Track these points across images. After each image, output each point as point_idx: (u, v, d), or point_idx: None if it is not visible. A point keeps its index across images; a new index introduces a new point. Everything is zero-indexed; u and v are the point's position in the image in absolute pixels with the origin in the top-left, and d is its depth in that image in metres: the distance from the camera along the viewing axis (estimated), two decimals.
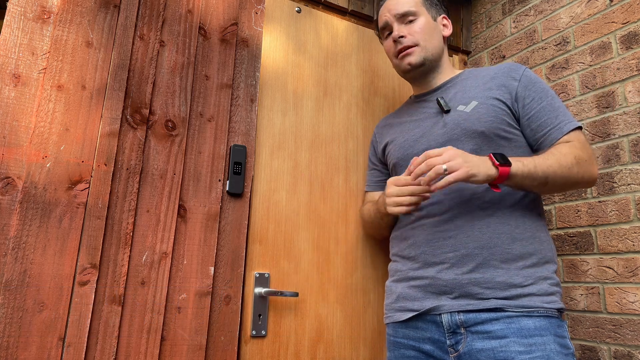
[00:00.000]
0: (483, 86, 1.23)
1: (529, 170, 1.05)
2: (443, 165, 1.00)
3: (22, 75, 1.10)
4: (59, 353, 1.02)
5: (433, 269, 1.14)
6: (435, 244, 1.14)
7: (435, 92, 1.34)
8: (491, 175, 1.02)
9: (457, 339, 1.07)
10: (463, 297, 1.08)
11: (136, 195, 1.17)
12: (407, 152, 1.29)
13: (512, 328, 1.02)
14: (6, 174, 1.04)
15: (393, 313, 1.23)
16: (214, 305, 1.22)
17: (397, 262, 1.26)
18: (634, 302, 1.29)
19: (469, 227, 1.11)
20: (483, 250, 1.09)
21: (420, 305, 1.15)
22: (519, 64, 1.25)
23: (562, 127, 1.14)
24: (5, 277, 1.00)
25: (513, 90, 1.20)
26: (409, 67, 1.30)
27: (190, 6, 1.36)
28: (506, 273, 1.07)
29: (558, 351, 1.00)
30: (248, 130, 1.38)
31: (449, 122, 1.21)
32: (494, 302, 1.05)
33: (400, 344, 1.19)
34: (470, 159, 1.02)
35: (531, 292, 1.05)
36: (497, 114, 1.17)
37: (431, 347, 1.12)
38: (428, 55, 1.30)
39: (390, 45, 1.35)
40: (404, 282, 1.21)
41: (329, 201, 1.51)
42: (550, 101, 1.18)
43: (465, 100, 1.23)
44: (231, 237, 1.29)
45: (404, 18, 1.31)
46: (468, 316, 1.07)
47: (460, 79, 1.31)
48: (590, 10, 1.54)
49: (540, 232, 1.14)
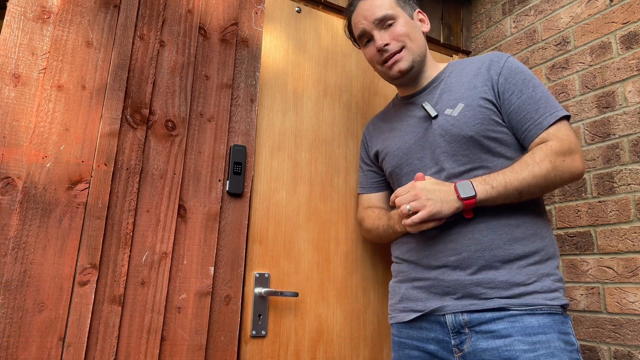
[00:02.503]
0: (468, 84, 1.20)
1: (498, 192, 1.06)
2: (407, 205, 1.07)
3: (22, 75, 1.10)
4: (59, 353, 1.02)
5: (435, 272, 1.14)
6: (436, 248, 1.14)
7: (421, 93, 1.30)
8: (458, 207, 1.06)
9: (462, 339, 1.07)
10: (466, 297, 1.08)
11: (136, 195, 1.17)
12: (402, 160, 1.27)
13: (516, 327, 1.02)
14: (6, 174, 1.04)
15: (397, 313, 1.23)
16: (214, 305, 1.22)
17: (400, 264, 1.26)
18: (634, 302, 1.29)
19: (469, 230, 1.11)
20: (485, 253, 1.08)
21: (424, 305, 1.14)
22: (501, 53, 1.22)
23: (542, 122, 1.11)
24: (5, 277, 1.00)
25: (495, 84, 1.17)
26: (399, 74, 1.26)
27: (190, 6, 1.36)
28: (508, 272, 1.07)
29: (562, 348, 1.00)
30: (248, 130, 1.38)
31: (437, 129, 1.19)
32: (497, 302, 1.05)
33: (404, 344, 1.19)
34: (436, 195, 1.06)
35: (535, 290, 1.05)
36: (484, 115, 1.14)
37: (435, 348, 1.12)
38: (415, 57, 1.26)
39: (373, 54, 1.29)
40: (407, 282, 1.21)
41: (329, 201, 1.51)
42: (530, 93, 1.14)
43: (452, 102, 1.20)
44: (231, 237, 1.29)
45: (383, 23, 1.25)
46: (472, 316, 1.07)
47: (445, 76, 1.28)
48: (590, 10, 1.54)
49: (542, 229, 1.13)
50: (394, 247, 1.30)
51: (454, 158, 1.15)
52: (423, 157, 1.22)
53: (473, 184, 1.07)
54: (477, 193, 1.05)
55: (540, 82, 1.17)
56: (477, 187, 1.06)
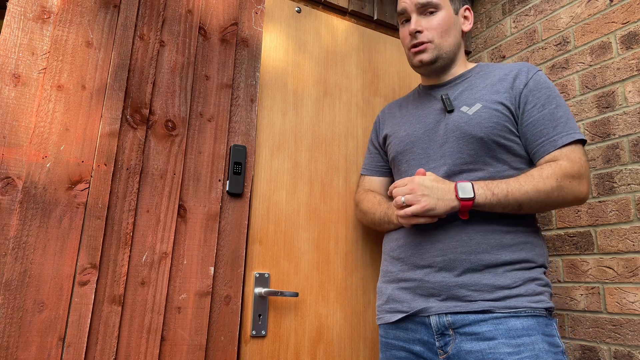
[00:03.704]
0: (491, 88, 1.20)
1: (497, 199, 1.05)
2: (402, 197, 1.08)
3: (22, 75, 1.10)
4: (59, 353, 1.02)
5: (421, 272, 1.14)
6: (424, 247, 1.14)
7: (443, 87, 1.30)
8: (454, 207, 1.06)
9: (446, 341, 1.08)
10: (451, 299, 1.08)
11: (136, 195, 1.17)
12: (406, 147, 1.28)
13: (500, 329, 1.02)
14: (6, 174, 1.04)
15: (384, 314, 1.23)
16: (214, 305, 1.22)
17: (388, 263, 1.26)
18: (634, 302, 1.29)
19: (457, 232, 1.10)
20: (470, 256, 1.08)
21: (409, 306, 1.15)
22: (532, 65, 1.21)
23: (557, 140, 1.10)
24: (5, 277, 1.00)
25: (518, 93, 1.16)
26: (420, 63, 1.27)
27: (190, 6, 1.36)
28: (493, 276, 1.06)
29: (547, 350, 1.00)
30: (248, 130, 1.38)
31: (449, 123, 1.20)
32: (481, 304, 1.05)
33: (391, 345, 1.19)
34: (434, 192, 1.06)
35: (519, 294, 1.05)
36: (499, 119, 1.14)
37: (421, 349, 1.12)
38: (442, 54, 1.25)
39: (405, 35, 1.30)
40: (393, 283, 1.21)
41: (329, 201, 1.51)
42: (552, 110, 1.13)
43: (470, 101, 1.20)
44: (231, 237, 1.29)
45: (424, 9, 1.25)
46: (456, 317, 1.07)
47: (471, 76, 1.27)
48: (590, 10, 1.54)
49: (533, 237, 1.13)
50: (386, 241, 1.30)
51: (458, 155, 1.16)
52: (428, 148, 1.22)
53: (474, 187, 1.06)
54: (476, 196, 1.05)
55: (564, 103, 1.16)
56: (477, 191, 1.06)
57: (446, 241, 1.11)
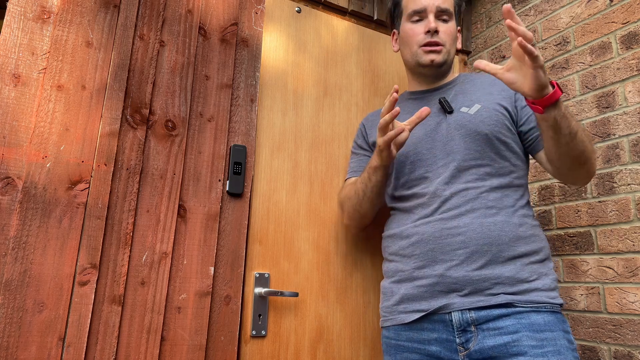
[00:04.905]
0: (483, 90, 1.27)
1: (569, 113, 1.04)
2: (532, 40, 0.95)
3: (22, 75, 1.10)
4: (59, 353, 1.02)
5: (441, 266, 1.12)
6: (444, 240, 1.14)
7: (435, 91, 1.34)
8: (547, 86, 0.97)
9: (468, 337, 1.07)
10: (473, 293, 1.09)
11: (136, 195, 1.17)
12: (409, 149, 1.27)
13: (523, 323, 1.04)
14: (6, 174, 1.04)
15: (396, 315, 1.20)
16: (214, 305, 1.22)
17: (397, 262, 1.23)
18: (634, 302, 1.29)
19: (477, 224, 1.12)
20: (492, 247, 1.10)
21: (428, 305, 1.13)
22: None
23: None
24: (5, 277, 1.00)
25: (513, 93, 1.24)
26: (431, 63, 1.27)
27: (190, 6, 1.36)
28: (513, 269, 1.09)
29: (567, 346, 1.03)
30: (248, 130, 1.38)
31: (451, 123, 1.23)
32: (503, 297, 1.07)
33: (403, 347, 1.17)
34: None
35: (537, 287, 1.08)
36: (499, 118, 1.20)
37: (437, 348, 1.11)
38: (448, 60, 1.31)
39: (418, 33, 1.29)
40: (407, 282, 1.19)
41: (329, 201, 1.51)
42: None
43: (468, 102, 1.25)
44: (231, 237, 1.29)
45: (441, 14, 1.29)
46: (480, 314, 1.07)
47: (458, 82, 1.34)
48: (590, 10, 1.54)
49: (538, 231, 1.18)
50: (390, 241, 1.28)
51: (465, 151, 1.19)
52: (433, 148, 1.24)
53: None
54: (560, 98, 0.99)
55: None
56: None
57: (467, 233, 1.12)
